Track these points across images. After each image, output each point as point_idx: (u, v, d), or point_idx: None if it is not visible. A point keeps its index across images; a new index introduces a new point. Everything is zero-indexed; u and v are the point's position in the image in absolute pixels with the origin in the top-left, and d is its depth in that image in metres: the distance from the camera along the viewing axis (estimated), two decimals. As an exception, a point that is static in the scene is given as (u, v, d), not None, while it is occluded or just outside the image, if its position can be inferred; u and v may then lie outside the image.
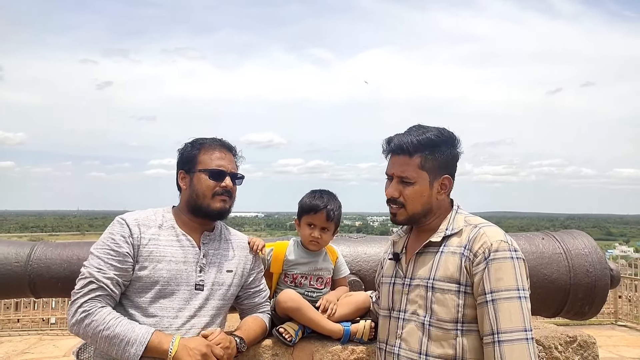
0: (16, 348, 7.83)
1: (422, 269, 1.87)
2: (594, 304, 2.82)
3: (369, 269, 2.89)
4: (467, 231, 1.83)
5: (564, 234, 3.00)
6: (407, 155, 1.87)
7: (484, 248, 1.74)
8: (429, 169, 1.87)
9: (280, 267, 2.42)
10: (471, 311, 1.75)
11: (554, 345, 2.36)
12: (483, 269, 1.72)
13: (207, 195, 2.10)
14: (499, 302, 1.68)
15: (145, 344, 1.84)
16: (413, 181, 1.86)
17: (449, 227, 1.88)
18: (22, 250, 2.74)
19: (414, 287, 1.87)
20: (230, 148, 2.23)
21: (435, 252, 1.86)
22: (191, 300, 2.03)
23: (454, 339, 1.75)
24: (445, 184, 1.92)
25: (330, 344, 2.25)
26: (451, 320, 1.76)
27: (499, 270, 1.70)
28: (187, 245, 2.09)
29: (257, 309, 2.32)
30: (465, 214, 1.94)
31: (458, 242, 1.82)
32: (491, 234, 1.78)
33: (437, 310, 1.78)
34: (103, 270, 1.93)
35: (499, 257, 1.72)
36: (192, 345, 1.88)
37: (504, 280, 1.69)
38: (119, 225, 2.03)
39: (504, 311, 1.66)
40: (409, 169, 1.86)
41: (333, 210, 2.37)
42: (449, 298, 1.77)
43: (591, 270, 2.78)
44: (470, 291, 1.75)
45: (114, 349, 1.85)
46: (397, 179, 1.90)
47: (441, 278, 1.80)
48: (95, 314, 1.87)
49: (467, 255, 1.77)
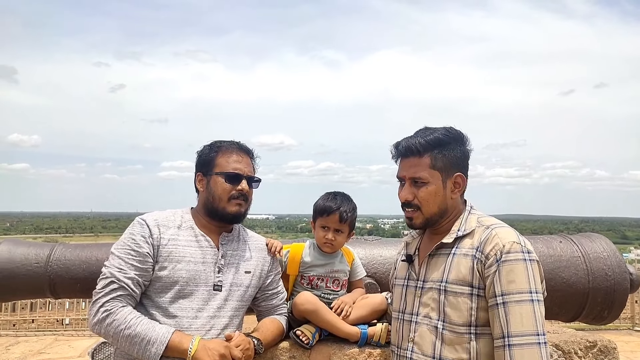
0: (32, 348, 7.93)
1: (435, 271, 1.84)
2: (613, 309, 2.78)
3: (385, 272, 2.88)
4: (479, 232, 1.80)
5: (581, 237, 2.96)
6: (416, 156, 1.85)
7: (496, 250, 1.71)
8: (441, 167, 1.85)
9: (297, 269, 2.43)
10: (484, 314, 1.72)
11: (574, 350, 2.34)
12: (494, 271, 1.69)
13: (223, 198, 2.11)
14: (510, 305, 1.64)
15: (166, 343, 1.86)
16: (426, 181, 1.84)
17: (460, 228, 1.85)
18: (42, 252, 2.78)
19: (427, 289, 1.85)
20: (247, 151, 2.24)
21: (447, 254, 1.83)
22: (210, 301, 2.04)
23: (468, 342, 1.72)
24: (459, 182, 1.89)
25: (348, 347, 2.24)
26: (464, 324, 1.73)
27: (511, 273, 1.66)
28: (206, 245, 2.11)
29: (275, 311, 2.32)
30: (479, 214, 1.91)
31: (470, 244, 1.79)
32: (503, 235, 1.75)
33: (450, 314, 1.75)
34: (124, 270, 1.95)
35: (511, 258, 1.68)
36: (211, 346, 1.90)
37: (515, 282, 1.66)
38: (139, 225, 2.05)
39: (515, 314, 1.63)
40: (420, 169, 1.84)
41: (346, 212, 2.36)
42: (461, 301, 1.74)
43: (610, 274, 2.74)
44: (483, 294, 1.73)
45: (135, 348, 1.87)
46: (409, 181, 1.87)
47: (454, 281, 1.77)
48: (117, 313, 1.89)
49: (479, 257, 1.74)
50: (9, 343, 8.21)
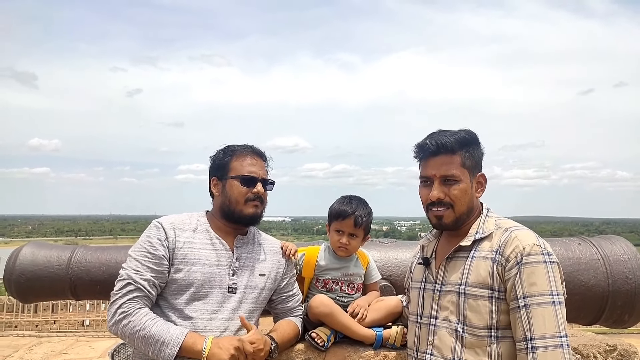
0: (54, 349, 8.09)
1: (453, 274, 1.84)
2: (634, 312, 2.73)
3: (400, 274, 2.88)
4: (498, 235, 1.80)
5: (601, 240, 2.92)
6: (449, 153, 1.85)
7: (516, 252, 1.70)
8: (469, 166, 1.86)
9: (312, 272, 2.44)
10: (505, 317, 1.72)
11: (593, 354, 2.30)
12: (515, 273, 1.68)
13: (239, 201, 2.14)
14: (532, 307, 1.64)
15: (180, 344, 1.89)
16: (458, 179, 1.84)
17: (479, 231, 1.85)
18: (64, 254, 2.85)
19: (445, 292, 1.85)
20: (261, 154, 2.27)
21: (465, 257, 1.83)
22: (225, 303, 2.07)
23: (489, 345, 1.72)
24: (481, 182, 1.92)
25: (363, 350, 2.24)
26: (485, 327, 1.73)
27: (532, 275, 1.67)
28: (221, 248, 2.14)
29: (290, 313, 2.34)
30: (496, 216, 1.91)
31: (489, 247, 1.79)
32: (523, 237, 1.74)
33: (470, 317, 1.75)
34: (140, 272, 1.99)
35: (532, 261, 1.68)
36: (224, 342, 1.93)
37: (537, 285, 1.66)
38: (156, 228, 2.09)
39: (537, 317, 1.63)
40: (452, 167, 1.84)
41: (361, 217, 2.35)
42: (482, 304, 1.74)
43: (631, 277, 2.69)
44: (503, 297, 1.72)
45: (150, 349, 1.91)
46: (439, 180, 1.85)
47: (473, 284, 1.77)
48: (133, 314, 1.93)
49: (498, 260, 1.74)
50: (32, 344, 8.39)
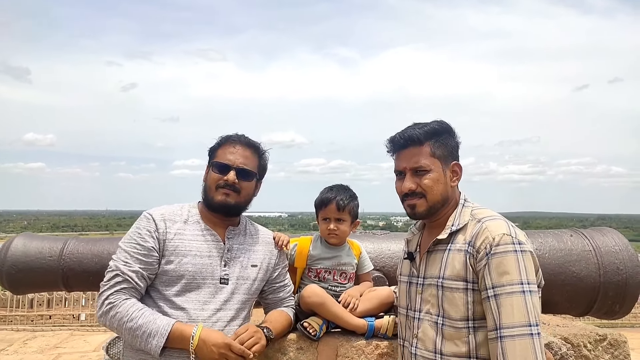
0: (49, 343, 8.08)
1: (433, 267, 1.87)
2: (625, 303, 2.75)
3: (393, 265, 2.88)
4: (472, 226, 1.81)
5: (593, 231, 2.93)
6: (416, 145, 1.87)
7: (486, 243, 1.71)
8: (440, 156, 1.88)
9: (304, 262, 2.45)
10: (480, 308, 1.73)
11: (583, 344, 2.32)
12: (484, 264, 1.69)
13: (212, 188, 2.13)
14: (501, 297, 1.64)
15: (166, 335, 1.88)
16: (428, 169, 1.86)
17: (454, 223, 1.86)
18: (56, 245, 2.84)
19: (427, 286, 1.88)
20: (249, 144, 2.21)
21: (444, 250, 1.85)
22: (217, 294, 2.06)
23: (467, 336, 1.74)
24: (456, 170, 1.92)
25: (355, 339, 2.26)
26: (461, 319, 1.75)
27: (500, 265, 1.67)
28: (212, 239, 2.13)
29: (282, 304, 2.34)
30: (473, 206, 1.91)
31: (463, 239, 1.80)
32: (493, 227, 1.74)
33: (448, 309, 1.77)
34: (129, 263, 1.98)
35: (500, 251, 1.68)
36: (212, 342, 1.89)
37: (506, 274, 1.65)
38: (146, 220, 2.08)
39: (506, 306, 1.63)
40: (421, 158, 1.86)
41: (343, 200, 2.38)
42: (457, 296, 1.76)
43: (622, 268, 2.71)
44: (477, 288, 1.73)
45: (137, 340, 1.90)
46: (410, 172, 1.88)
47: (449, 277, 1.79)
48: (120, 305, 1.93)
49: (470, 252, 1.75)
50: (27, 338, 8.37)
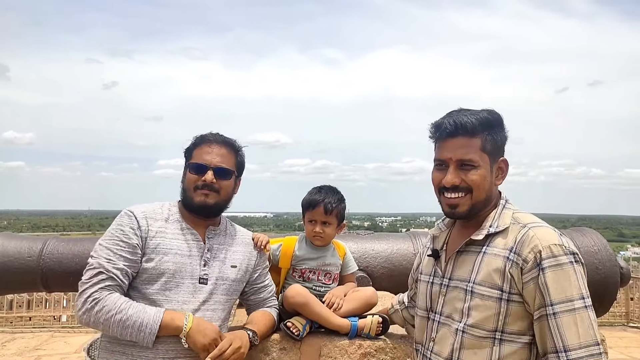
0: (28, 344, 7.94)
1: (462, 269, 1.70)
2: (604, 302, 2.81)
3: (377, 266, 2.90)
4: (515, 231, 1.63)
5: (573, 232, 2.99)
6: (467, 136, 1.67)
7: (535, 252, 1.54)
8: (489, 151, 1.69)
9: (289, 262, 2.44)
10: (515, 321, 1.58)
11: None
12: (536, 277, 1.52)
13: (190, 188, 2.11)
14: (562, 315, 1.49)
15: (159, 323, 1.87)
16: (476, 165, 1.66)
17: (493, 224, 1.68)
18: (35, 245, 2.79)
19: (452, 288, 1.72)
20: (225, 142, 2.18)
21: (477, 252, 1.68)
22: (196, 294, 2.05)
23: (490, 348, 1.59)
24: (502, 167, 1.75)
25: (338, 339, 2.25)
26: (488, 329, 1.60)
27: (558, 279, 1.50)
28: (192, 239, 2.11)
29: (264, 304, 2.33)
30: (514, 209, 1.73)
31: (503, 244, 1.62)
32: (543, 236, 1.57)
33: (475, 317, 1.62)
34: (113, 261, 1.95)
35: (555, 263, 1.52)
36: (206, 328, 1.93)
37: (565, 290, 1.50)
38: (127, 217, 2.05)
39: (569, 325, 1.48)
40: (471, 150, 1.66)
41: (331, 204, 2.36)
42: (489, 305, 1.60)
43: (600, 268, 2.76)
44: (513, 299, 1.58)
45: (128, 331, 1.87)
46: (455, 164, 1.68)
47: (481, 282, 1.63)
48: (106, 299, 1.90)
49: (513, 260, 1.58)
50: (5, 339, 8.22)
